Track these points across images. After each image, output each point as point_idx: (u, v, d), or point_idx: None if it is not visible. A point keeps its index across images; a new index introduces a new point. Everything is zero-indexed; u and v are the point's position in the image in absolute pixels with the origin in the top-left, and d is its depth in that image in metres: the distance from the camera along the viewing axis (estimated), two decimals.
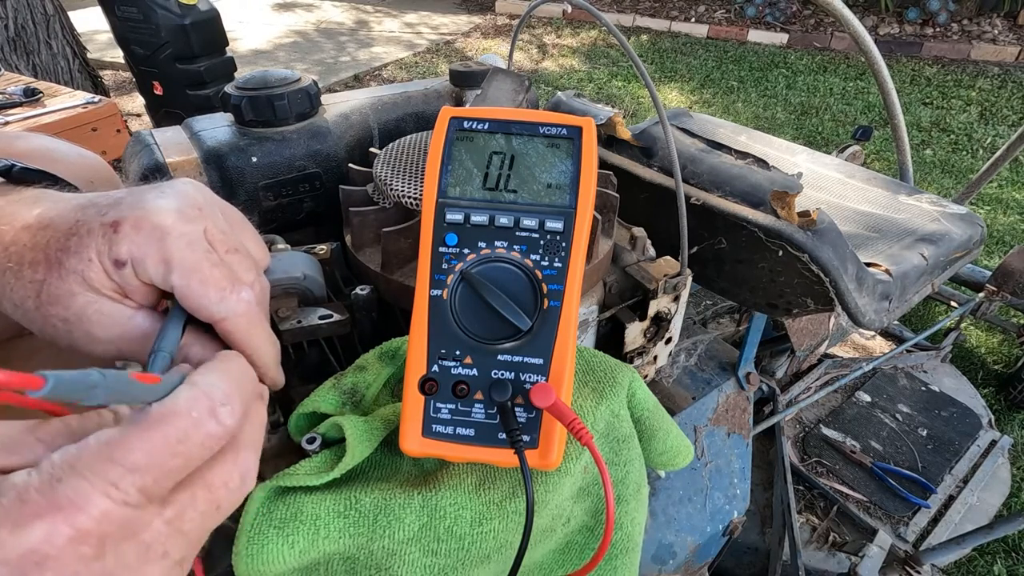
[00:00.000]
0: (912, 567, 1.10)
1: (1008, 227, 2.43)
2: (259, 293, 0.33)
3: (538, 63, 4.38)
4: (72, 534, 0.20)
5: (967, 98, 3.66)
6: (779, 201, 0.64)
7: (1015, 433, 1.57)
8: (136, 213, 0.29)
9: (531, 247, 0.39)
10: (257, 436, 0.28)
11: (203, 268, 0.30)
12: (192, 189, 0.32)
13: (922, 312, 1.98)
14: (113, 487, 0.21)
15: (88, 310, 0.29)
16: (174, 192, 0.31)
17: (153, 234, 0.29)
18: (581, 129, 0.40)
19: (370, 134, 0.74)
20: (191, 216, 0.30)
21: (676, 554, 0.77)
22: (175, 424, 0.23)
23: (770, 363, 1.22)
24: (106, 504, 0.20)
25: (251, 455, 0.27)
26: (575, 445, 0.42)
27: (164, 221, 0.29)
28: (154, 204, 0.30)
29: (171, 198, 0.30)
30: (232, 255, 0.32)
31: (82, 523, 0.20)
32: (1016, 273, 1.42)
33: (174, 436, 0.23)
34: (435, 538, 0.38)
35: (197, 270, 0.29)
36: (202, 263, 0.30)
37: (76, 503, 0.20)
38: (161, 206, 0.30)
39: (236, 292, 0.31)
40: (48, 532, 0.19)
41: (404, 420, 0.38)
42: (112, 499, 0.21)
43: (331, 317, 0.49)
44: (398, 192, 0.55)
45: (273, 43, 4.69)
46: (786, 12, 4.83)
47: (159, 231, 0.29)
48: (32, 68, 2.91)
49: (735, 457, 0.82)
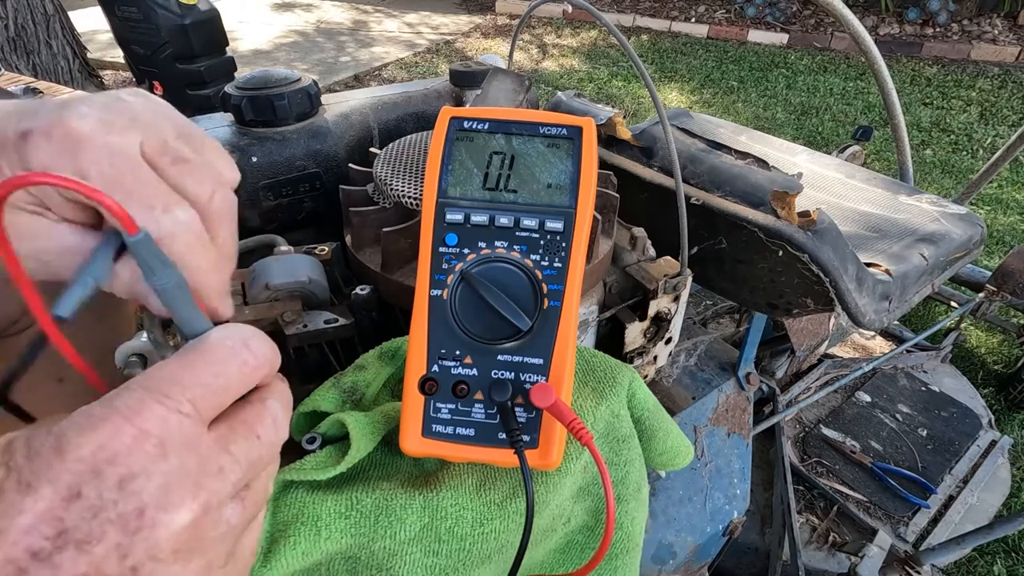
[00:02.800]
0: (912, 567, 1.10)
1: (1008, 227, 2.43)
2: (217, 206, 0.30)
3: (538, 63, 4.38)
4: (136, 432, 0.21)
5: (967, 98, 3.66)
6: (779, 201, 0.64)
7: (1015, 433, 1.56)
8: (49, 120, 0.26)
9: (531, 247, 0.39)
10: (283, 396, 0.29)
11: (126, 182, 0.27)
12: (133, 98, 0.29)
13: (922, 312, 1.98)
14: (165, 396, 0.23)
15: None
16: (104, 101, 0.28)
17: (65, 143, 0.26)
18: (581, 129, 0.40)
19: (370, 134, 0.74)
20: (120, 126, 0.27)
21: (676, 554, 0.77)
22: (214, 350, 0.25)
23: (770, 363, 1.22)
24: (161, 411, 0.22)
25: (278, 405, 0.28)
26: (575, 445, 0.42)
27: (81, 129, 0.26)
28: (73, 111, 0.26)
29: (96, 108, 0.27)
30: (178, 165, 0.29)
31: (142, 424, 0.22)
32: (1016, 273, 1.42)
33: (214, 359, 0.25)
34: (436, 538, 0.38)
35: (119, 184, 0.27)
36: (125, 176, 0.27)
37: (134, 409, 0.22)
38: (81, 113, 0.27)
39: (169, 211, 0.28)
40: (113, 431, 0.21)
41: (404, 420, 0.38)
42: (166, 407, 0.22)
43: (336, 321, 0.49)
44: (398, 192, 0.55)
45: (273, 43, 4.69)
46: (786, 12, 4.83)
47: (73, 140, 0.26)
48: (32, 68, 2.91)
49: (735, 457, 0.82)
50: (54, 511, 0.19)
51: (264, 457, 0.26)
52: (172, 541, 0.21)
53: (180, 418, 0.23)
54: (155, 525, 0.21)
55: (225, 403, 0.25)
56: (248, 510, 0.25)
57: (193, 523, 0.22)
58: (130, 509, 0.21)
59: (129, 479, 0.21)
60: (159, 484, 0.21)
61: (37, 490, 0.20)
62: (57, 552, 0.19)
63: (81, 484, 0.20)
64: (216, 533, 0.23)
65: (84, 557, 0.19)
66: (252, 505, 0.26)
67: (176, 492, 0.22)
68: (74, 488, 0.20)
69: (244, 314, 0.48)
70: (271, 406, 0.27)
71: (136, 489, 0.21)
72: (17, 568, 0.19)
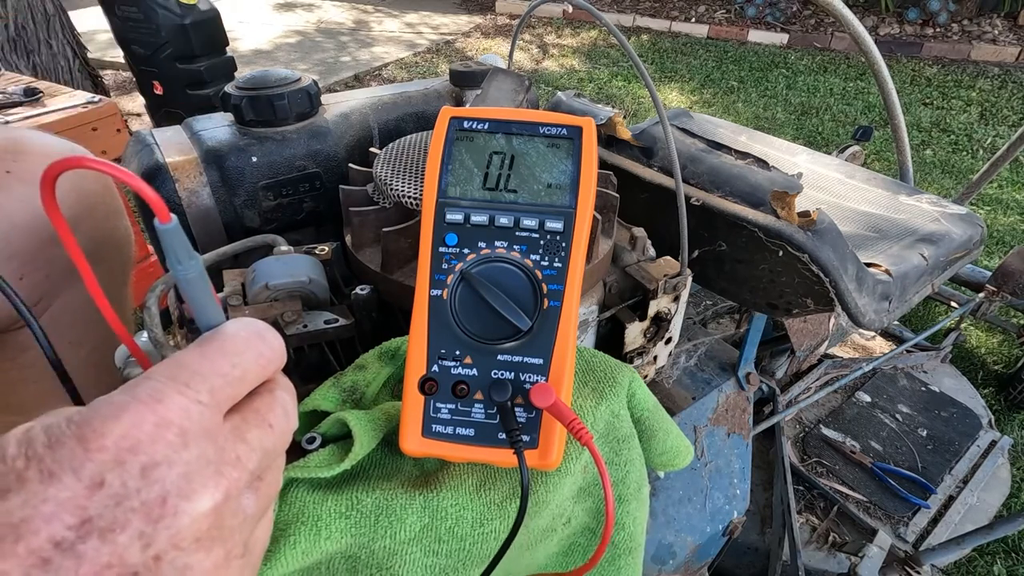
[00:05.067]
0: (912, 567, 1.09)
1: (1008, 227, 2.43)
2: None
3: (538, 63, 4.38)
4: (157, 420, 0.21)
5: (967, 98, 3.65)
6: (779, 201, 0.64)
7: (1015, 433, 1.56)
8: None
9: (531, 247, 0.39)
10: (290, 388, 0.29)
11: None
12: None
13: (922, 312, 1.98)
14: (185, 386, 0.23)
15: None
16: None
17: None
18: (581, 129, 0.40)
19: (370, 134, 0.74)
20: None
21: (676, 554, 0.77)
22: (231, 341, 0.26)
23: (770, 363, 1.22)
24: (181, 400, 0.22)
25: (287, 396, 0.28)
26: (575, 445, 0.42)
27: None
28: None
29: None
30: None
31: (163, 412, 0.22)
32: (1016, 273, 1.42)
33: (231, 349, 0.25)
34: (436, 539, 0.38)
35: None
36: None
37: (155, 397, 0.22)
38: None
39: None
40: (135, 419, 0.21)
41: (404, 420, 0.38)
42: (186, 396, 0.23)
43: (336, 321, 0.49)
44: (398, 192, 0.55)
45: (273, 43, 4.69)
46: (786, 12, 4.83)
47: None
48: (32, 68, 2.91)
49: (735, 457, 0.82)
50: (77, 500, 0.19)
51: (277, 446, 0.27)
52: (194, 529, 0.21)
53: (200, 407, 0.23)
54: (177, 513, 0.21)
55: (241, 393, 0.25)
56: (262, 500, 0.26)
57: (214, 511, 0.22)
58: (153, 497, 0.21)
59: (152, 467, 0.21)
60: (181, 472, 0.21)
61: (60, 479, 0.19)
62: (80, 541, 0.19)
63: (104, 472, 0.20)
64: (235, 522, 0.24)
65: (107, 547, 0.19)
66: (265, 496, 0.26)
67: (197, 480, 0.22)
68: (97, 477, 0.20)
69: (243, 314, 0.48)
70: (280, 396, 0.28)
71: (159, 477, 0.21)
72: (40, 559, 0.19)
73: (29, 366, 0.61)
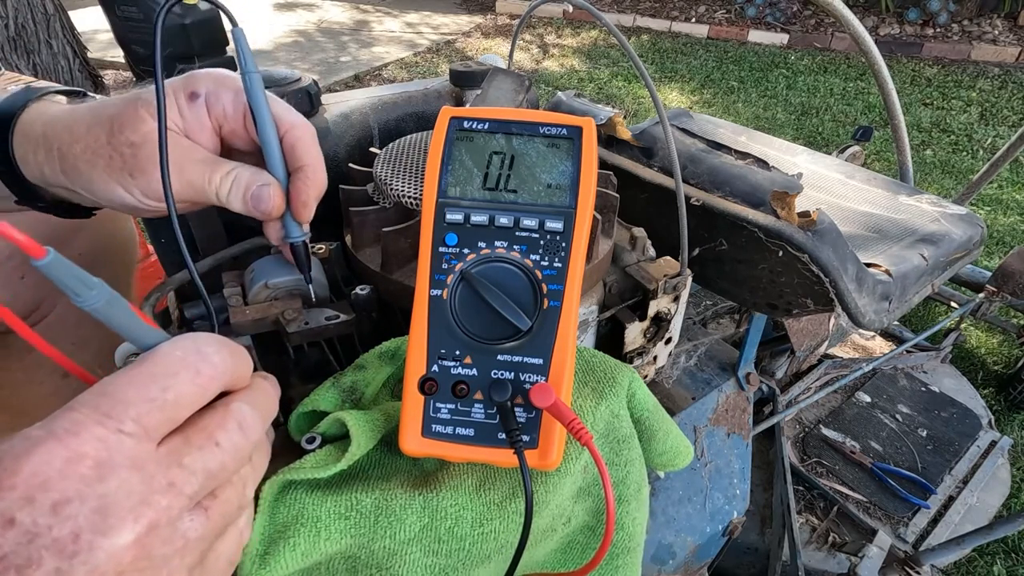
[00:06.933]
0: (912, 567, 1.09)
1: (1008, 227, 2.43)
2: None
3: (539, 63, 4.38)
4: (68, 455, 0.21)
5: (967, 99, 3.65)
6: (779, 201, 0.64)
7: (1015, 434, 1.56)
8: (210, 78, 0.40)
9: (531, 247, 0.39)
10: (255, 397, 0.29)
11: None
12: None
13: (922, 312, 1.98)
14: (106, 416, 0.22)
15: (153, 135, 0.34)
16: None
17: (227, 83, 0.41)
18: (581, 129, 0.40)
19: (370, 134, 0.74)
20: None
21: (676, 554, 0.77)
22: (162, 363, 0.25)
23: (770, 363, 1.22)
24: (99, 431, 0.22)
25: (246, 407, 0.27)
26: (575, 445, 0.42)
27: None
28: None
29: None
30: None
31: (76, 447, 0.21)
32: (1016, 274, 1.42)
33: (161, 372, 0.25)
34: (436, 539, 0.38)
35: None
36: None
37: (71, 431, 0.22)
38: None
39: None
40: (46, 456, 0.21)
41: (404, 420, 0.38)
42: (105, 427, 0.22)
43: (337, 318, 0.49)
44: (398, 192, 0.55)
45: (274, 43, 4.69)
46: (786, 12, 4.83)
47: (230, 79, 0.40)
48: (32, 67, 2.91)
49: (735, 457, 0.82)
50: None
51: (228, 464, 0.26)
52: (114, 563, 0.21)
53: (120, 437, 0.22)
54: (92, 548, 0.21)
55: (179, 416, 0.25)
56: (214, 520, 0.25)
57: (136, 542, 0.22)
58: (65, 534, 0.20)
59: (63, 504, 0.21)
60: (94, 507, 0.21)
61: None
62: None
63: (15, 511, 0.20)
64: (170, 549, 0.23)
65: None
66: (219, 515, 0.26)
67: (114, 514, 0.22)
68: (7, 515, 0.20)
69: (244, 314, 0.48)
70: (236, 410, 0.27)
71: (71, 513, 0.21)
72: None
73: (35, 367, 0.61)
